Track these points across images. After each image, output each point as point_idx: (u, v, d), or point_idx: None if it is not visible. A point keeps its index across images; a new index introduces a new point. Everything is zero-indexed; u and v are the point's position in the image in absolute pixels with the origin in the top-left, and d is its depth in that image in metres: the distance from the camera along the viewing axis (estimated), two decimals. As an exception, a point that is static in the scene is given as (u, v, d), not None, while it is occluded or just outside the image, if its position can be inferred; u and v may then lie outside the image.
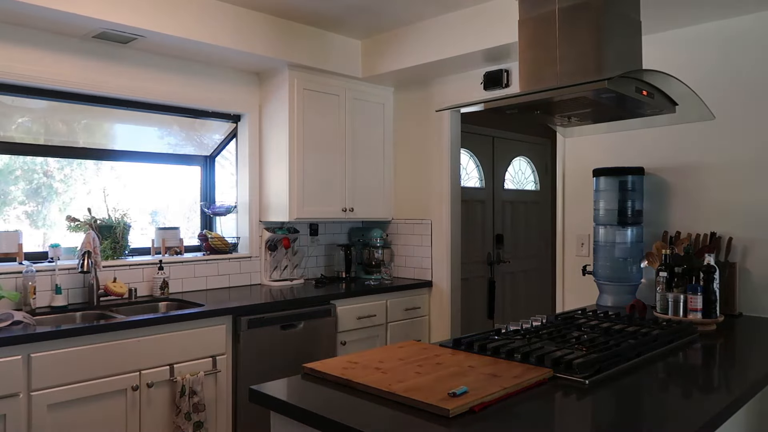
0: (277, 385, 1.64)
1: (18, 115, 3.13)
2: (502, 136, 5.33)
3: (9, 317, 2.57)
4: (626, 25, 2.20)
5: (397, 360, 1.79)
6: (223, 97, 3.76)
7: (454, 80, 3.97)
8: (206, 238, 3.76)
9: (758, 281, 2.77)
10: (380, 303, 3.80)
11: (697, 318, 2.39)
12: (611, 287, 2.99)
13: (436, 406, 1.36)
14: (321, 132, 3.87)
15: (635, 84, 2.06)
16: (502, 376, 1.61)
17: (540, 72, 2.22)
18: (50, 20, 2.86)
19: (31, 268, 2.94)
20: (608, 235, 3.00)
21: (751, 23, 2.79)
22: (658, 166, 3.07)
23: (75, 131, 3.36)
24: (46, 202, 3.34)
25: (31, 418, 2.40)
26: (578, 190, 3.38)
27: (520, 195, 5.57)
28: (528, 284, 5.60)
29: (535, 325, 2.26)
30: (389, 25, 3.72)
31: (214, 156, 4.00)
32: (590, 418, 1.48)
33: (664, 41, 3.01)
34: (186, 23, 3.14)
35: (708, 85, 2.80)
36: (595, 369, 1.69)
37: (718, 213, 2.87)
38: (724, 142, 2.87)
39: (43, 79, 3.02)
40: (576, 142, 3.38)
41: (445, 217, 4.04)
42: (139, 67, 3.37)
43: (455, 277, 4.06)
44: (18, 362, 2.37)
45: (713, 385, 1.80)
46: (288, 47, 3.60)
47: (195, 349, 2.89)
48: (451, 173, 4.01)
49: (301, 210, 3.75)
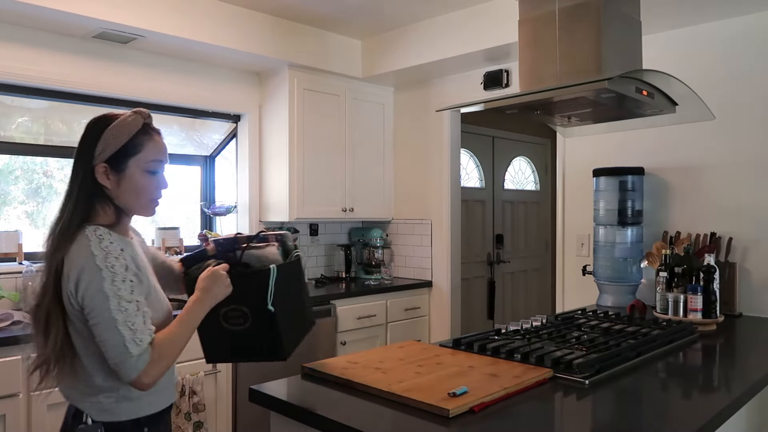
0: (277, 385, 1.64)
1: (18, 115, 3.13)
2: (502, 136, 5.33)
3: (9, 317, 2.57)
4: (626, 25, 2.20)
5: (397, 360, 1.79)
6: (223, 97, 3.76)
7: (454, 80, 3.97)
8: (206, 238, 3.76)
9: (758, 281, 2.77)
10: (380, 303, 3.80)
11: (697, 318, 2.38)
12: (611, 287, 2.99)
13: (436, 406, 1.36)
14: (321, 132, 3.87)
15: (635, 84, 2.06)
16: (502, 376, 1.60)
17: (540, 72, 2.22)
18: (50, 20, 2.86)
19: (31, 268, 2.94)
20: (608, 235, 3.00)
21: (751, 23, 2.79)
22: (658, 166, 3.06)
23: (75, 131, 3.36)
24: (46, 202, 3.34)
25: (31, 418, 2.39)
26: (578, 190, 3.38)
27: (520, 195, 5.57)
28: (528, 284, 5.60)
29: (535, 325, 2.26)
30: (389, 25, 3.72)
31: (214, 156, 4.00)
32: (590, 418, 1.48)
33: (664, 41, 3.01)
34: (186, 23, 3.13)
35: (708, 85, 2.79)
36: (595, 369, 1.69)
37: (718, 213, 2.87)
38: (724, 142, 2.87)
39: (43, 79, 3.02)
40: (576, 142, 3.37)
41: (445, 217, 4.03)
42: (139, 67, 3.37)
43: (455, 277, 4.06)
44: (18, 362, 2.37)
45: (713, 385, 1.80)
46: (288, 47, 3.60)
47: (195, 348, 2.88)
48: (451, 173, 4.01)
49: (301, 210, 3.75)
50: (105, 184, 1.41)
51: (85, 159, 1.40)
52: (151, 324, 1.36)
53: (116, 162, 1.40)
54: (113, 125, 1.41)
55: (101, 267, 1.31)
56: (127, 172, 1.41)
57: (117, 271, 1.33)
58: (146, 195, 1.45)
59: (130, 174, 1.42)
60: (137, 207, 1.46)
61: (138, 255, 1.45)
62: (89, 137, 1.41)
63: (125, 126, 1.41)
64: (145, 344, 1.32)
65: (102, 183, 1.40)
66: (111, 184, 1.41)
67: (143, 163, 1.43)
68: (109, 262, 1.33)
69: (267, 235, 1.58)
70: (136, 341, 1.31)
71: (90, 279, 1.31)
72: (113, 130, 1.40)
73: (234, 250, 1.56)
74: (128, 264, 1.36)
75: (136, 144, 1.42)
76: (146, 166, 1.43)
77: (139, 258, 1.45)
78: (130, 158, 1.41)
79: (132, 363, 1.30)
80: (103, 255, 1.33)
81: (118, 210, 1.43)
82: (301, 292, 1.68)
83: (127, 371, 1.30)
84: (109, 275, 1.32)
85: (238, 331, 1.51)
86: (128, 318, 1.31)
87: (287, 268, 1.56)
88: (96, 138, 1.40)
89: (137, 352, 1.30)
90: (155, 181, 1.46)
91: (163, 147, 1.48)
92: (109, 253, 1.33)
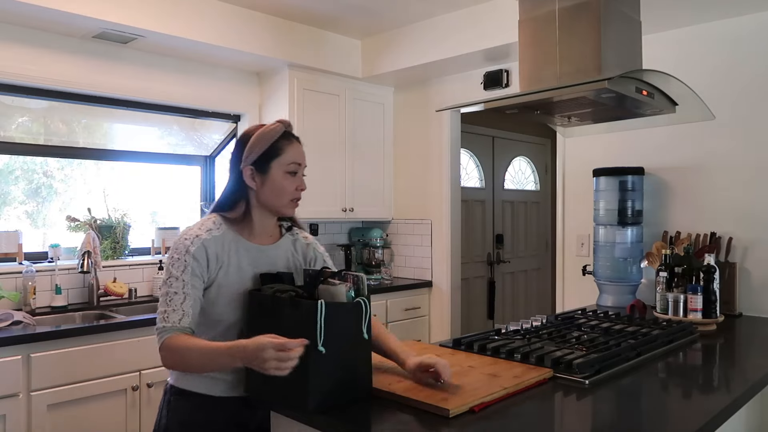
0: (277, 385, 1.63)
1: (18, 115, 3.13)
2: (502, 136, 5.33)
3: (9, 317, 2.57)
4: (626, 25, 2.20)
5: (397, 360, 1.78)
6: (223, 97, 3.76)
7: (453, 80, 3.97)
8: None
9: (758, 281, 2.76)
10: (380, 303, 3.80)
11: (697, 318, 2.38)
12: (611, 287, 2.99)
13: (436, 406, 1.36)
14: (321, 132, 3.86)
15: (635, 84, 2.06)
16: (502, 376, 1.60)
17: (540, 72, 2.22)
18: (50, 20, 2.86)
19: (31, 268, 2.94)
20: (608, 235, 3.00)
21: (751, 23, 2.79)
22: (658, 166, 3.06)
23: (75, 131, 3.36)
24: (46, 202, 3.34)
25: (31, 418, 2.39)
26: (578, 190, 3.38)
27: (520, 195, 5.57)
28: (528, 284, 5.60)
29: (535, 325, 2.26)
30: (389, 25, 3.72)
31: (214, 156, 4.00)
32: (590, 418, 1.48)
33: (665, 41, 3.01)
34: (186, 23, 3.13)
35: (708, 85, 2.79)
36: (595, 369, 1.69)
37: (718, 213, 2.87)
38: (724, 142, 2.87)
39: (43, 79, 3.02)
40: (576, 142, 3.37)
41: (445, 217, 4.03)
42: (139, 67, 3.37)
43: (455, 277, 4.06)
44: (18, 362, 2.37)
45: (713, 385, 1.80)
46: (288, 47, 3.60)
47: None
48: (451, 173, 4.01)
49: (301, 210, 3.73)
50: (251, 185, 1.58)
51: (235, 163, 1.60)
52: (190, 308, 1.46)
53: (261, 164, 1.57)
54: (258, 133, 1.58)
55: (174, 247, 1.52)
56: (271, 173, 1.57)
57: (179, 249, 1.50)
58: (286, 194, 1.61)
59: (273, 175, 1.58)
60: (279, 205, 1.62)
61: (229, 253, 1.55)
62: (240, 144, 1.60)
63: (268, 132, 1.57)
64: (170, 323, 1.44)
65: (248, 184, 1.58)
66: (257, 185, 1.58)
67: (284, 165, 1.58)
68: (179, 244, 1.52)
69: (347, 275, 1.53)
70: (165, 317, 1.45)
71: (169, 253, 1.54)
72: (258, 136, 1.57)
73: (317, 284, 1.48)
74: (189, 248, 1.50)
75: (277, 148, 1.58)
76: (287, 168, 1.59)
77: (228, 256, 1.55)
78: (272, 160, 1.57)
79: (157, 333, 1.45)
80: (182, 238, 1.53)
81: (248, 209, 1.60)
82: (356, 348, 1.45)
83: (157, 338, 1.46)
84: (173, 253, 1.51)
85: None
86: (169, 292, 1.47)
87: (340, 309, 1.40)
88: (244, 144, 1.58)
89: (161, 325, 1.45)
90: (295, 182, 1.61)
91: (301, 151, 1.64)
92: (186, 238, 1.52)
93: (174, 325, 1.44)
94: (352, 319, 1.43)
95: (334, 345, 1.37)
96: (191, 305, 1.46)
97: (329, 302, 1.37)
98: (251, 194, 1.60)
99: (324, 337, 1.34)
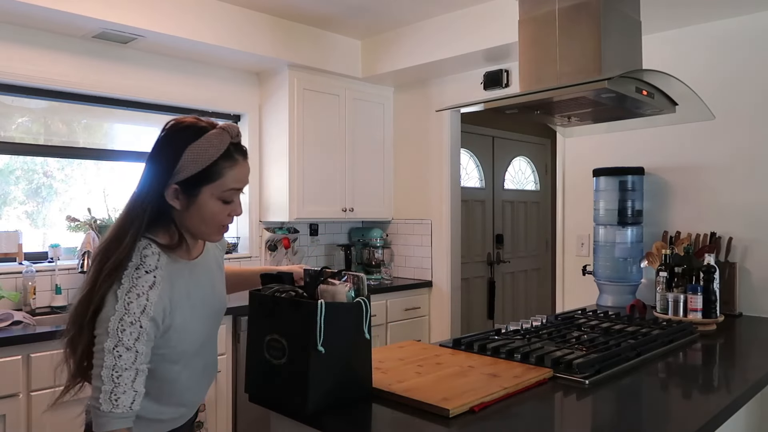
0: (277, 385, 1.63)
1: (18, 115, 3.13)
2: (502, 136, 5.33)
3: (9, 317, 2.57)
4: (626, 25, 2.20)
5: (397, 360, 1.79)
6: (223, 97, 3.76)
7: (453, 80, 3.97)
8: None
9: (758, 281, 2.76)
10: (380, 303, 3.80)
11: (697, 318, 2.38)
12: (611, 287, 2.99)
13: (436, 406, 1.36)
14: (321, 132, 3.86)
15: (635, 84, 2.06)
16: (502, 376, 1.60)
17: (540, 72, 2.22)
18: (50, 20, 2.86)
19: (31, 268, 2.94)
20: (608, 235, 3.00)
21: (751, 23, 2.79)
22: (658, 166, 3.06)
23: (75, 131, 3.36)
24: (46, 202, 3.34)
25: (31, 418, 2.40)
26: (578, 190, 3.38)
27: (520, 195, 5.57)
28: (528, 284, 5.60)
29: (535, 325, 2.26)
30: (389, 25, 3.72)
31: (214, 156, 3.99)
32: (590, 418, 1.48)
33: (665, 41, 3.01)
34: (186, 23, 3.13)
35: (708, 84, 2.79)
36: (595, 369, 1.69)
37: (718, 213, 2.87)
38: (724, 142, 2.87)
39: (43, 79, 3.02)
40: (576, 142, 3.37)
41: (445, 217, 4.03)
42: (139, 67, 3.37)
43: (455, 277, 4.06)
44: (18, 362, 2.37)
45: (713, 385, 1.80)
46: (288, 47, 3.60)
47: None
48: (451, 173, 4.01)
49: (301, 210, 3.75)
50: (173, 204, 1.30)
51: (159, 171, 1.29)
52: (142, 386, 1.21)
53: (190, 187, 1.29)
54: (195, 144, 1.28)
55: (119, 298, 1.21)
56: (200, 198, 1.30)
57: (131, 309, 1.21)
58: (215, 222, 1.34)
59: (203, 201, 1.30)
60: (203, 233, 1.36)
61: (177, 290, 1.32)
62: (170, 150, 1.29)
63: (208, 149, 1.28)
64: (120, 409, 1.17)
65: (170, 202, 1.30)
66: (180, 205, 1.31)
67: (219, 191, 1.31)
68: (129, 297, 1.22)
69: (348, 275, 1.52)
70: (112, 399, 1.17)
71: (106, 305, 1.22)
72: (195, 150, 1.27)
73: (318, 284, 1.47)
74: (147, 307, 1.23)
75: (213, 172, 1.29)
76: (221, 195, 1.31)
77: (177, 293, 1.32)
78: (204, 185, 1.29)
79: (98, 417, 1.18)
80: (128, 286, 1.22)
81: (179, 231, 1.34)
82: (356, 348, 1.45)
83: (95, 419, 1.19)
84: (122, 312, 1.20)
85: (274, 365, 1.41)
86: (116, 366, 1.18)
87: (340, 309, 1.39)
88: (177, 154, 1.28)
89: (107, 409, 1.16)
90: (227, 209, 1.34)
91: (245, 172, 1.35)
92: (134, 287, 1.23)
93: (125, 412, 1.18)
94: (352, 319, 1.43)
95: (334, 345, 1.37)
96: (142, 383, 1.22)
97: (329, 302, 1.37)
98: (173, 213, 1.32)
99: (324, 337, 1.34)
